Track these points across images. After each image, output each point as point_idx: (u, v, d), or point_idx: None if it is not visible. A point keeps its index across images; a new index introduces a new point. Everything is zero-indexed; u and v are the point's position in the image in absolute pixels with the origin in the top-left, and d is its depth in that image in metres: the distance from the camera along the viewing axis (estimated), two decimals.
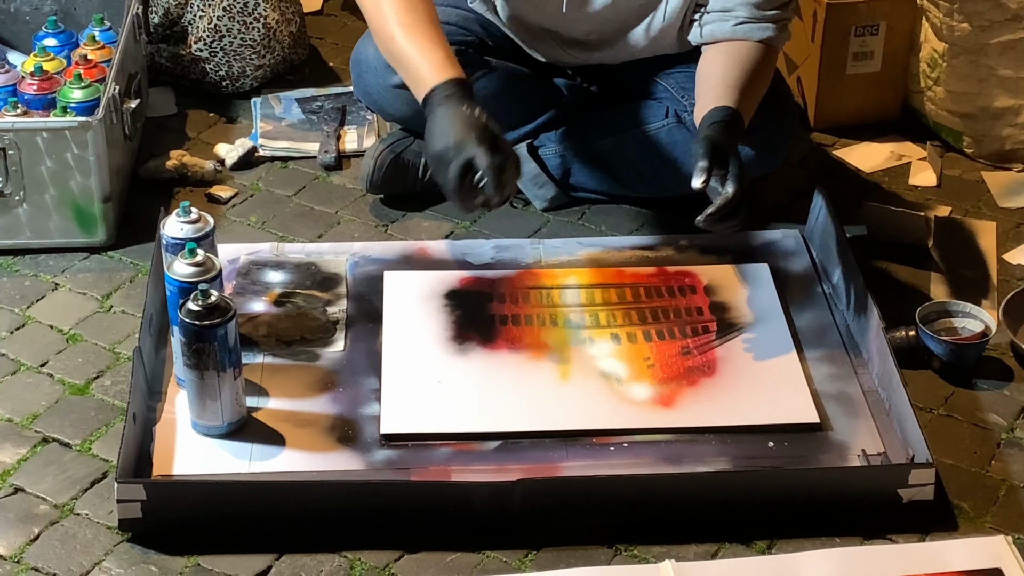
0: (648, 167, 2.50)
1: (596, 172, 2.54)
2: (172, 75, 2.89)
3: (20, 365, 2.21)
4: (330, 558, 1.90)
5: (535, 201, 2.57)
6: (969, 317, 2.24)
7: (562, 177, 2.54)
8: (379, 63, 2.46)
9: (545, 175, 2.54)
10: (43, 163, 2.37)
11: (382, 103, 2.52)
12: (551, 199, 2.56)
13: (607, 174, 2.53)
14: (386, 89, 2.48)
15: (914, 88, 2.80)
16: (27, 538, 1.92)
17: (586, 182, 2.55)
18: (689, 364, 2.18)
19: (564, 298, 2.31)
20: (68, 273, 2.41)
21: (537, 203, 2.57)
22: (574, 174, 2.54)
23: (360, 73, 2.53)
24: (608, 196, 2.57)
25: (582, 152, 2.53)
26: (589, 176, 2.54)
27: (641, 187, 2.53)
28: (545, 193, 2.56)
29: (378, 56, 2.43)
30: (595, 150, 2.53)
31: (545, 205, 2.57)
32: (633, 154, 2.51)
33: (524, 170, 2.53)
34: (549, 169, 2.54)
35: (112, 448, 2.01)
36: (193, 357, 1.98)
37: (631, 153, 2.51)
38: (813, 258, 2.42)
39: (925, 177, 2.69)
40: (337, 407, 2.11)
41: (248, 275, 2.37)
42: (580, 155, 2.53)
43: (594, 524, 1.94)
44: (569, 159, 2.54)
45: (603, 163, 2.53)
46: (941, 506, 1.97)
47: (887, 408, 2.09)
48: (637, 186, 2.53)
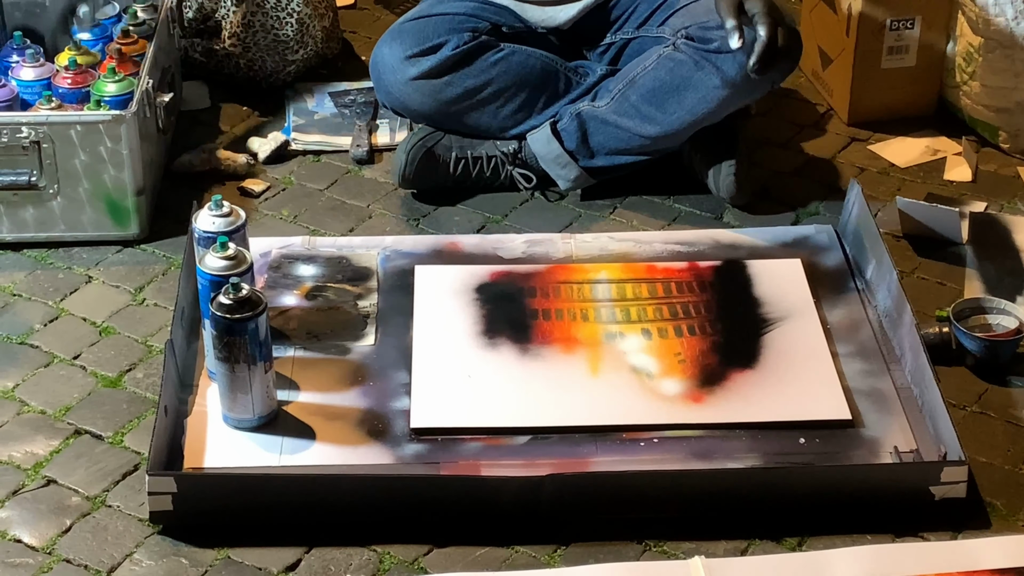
0: (655, 101, 2.49)
1: (610, 125, 2.53)
2: (206, 69, 2.90)
3: (53, 357, 2.22)
4: (359, 552, 1.90)
5: (560, 182, 2.57)
6: (1003, 314, 2.23)
7: (581, 140, 2.54)
8: (395, 59, 2.48)
9: (567, 155, 2.53)
10: (77, 156, 2.39)
11: (404, 99, 2.53)
12: (575, 179, 2.56)
13: (621, 124, 2.52)
14: (405, 84, 2.49)
15: (949, 82, 2.78)
16: (59, 530, 1.94)
17: (605, 141, 2.54)
18: (720, 359, 2.17)
19: (595, 293, 2.31)
20: (101, 266, 2.42)
21: (561, 184, 2.57)
22: (592, 134, 2.54)
23: (379, 74, 2.55)
24: (629, 155, 2.55)
25: (596, 108, 2.54)
26: (605, 132, 2.54)
27: (653, 127, 2.51)
28: (568, 173, 2.55)
29: (393, 53, 2.46)
30: (608, 103, 2.53)
31: (569, 186, 2.57)
32: (639, 92, 2.51)
33: (547, 151, 2.53)
34: (567, 136, 2.54)
35: (144, 440, 2.02)
36: (224, 350, 1.99)
37: (637, 92, 2.51)
38: (846, 253, 2.41)
39: (960, 172, 2.67)
40: (367, 401, 2.11)
41: (279, 269, 2.37)
42: (594, 111, 2.54)
43: (623, 520, 1.93)
44: (584, 118, 2.54)
45: (615, 113, 2.53)
46: (974, 504, 1.95)
47: (920, 405, 2.08)
48: (650, 127, 2.51)
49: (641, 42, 2.61)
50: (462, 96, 2.53)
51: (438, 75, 2.51)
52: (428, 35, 2.52)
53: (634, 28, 2.63)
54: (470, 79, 2.53)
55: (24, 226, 2.43)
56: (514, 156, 2.57)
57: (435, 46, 2.51)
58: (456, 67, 2.51)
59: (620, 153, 2.55)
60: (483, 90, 2.53)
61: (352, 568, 1.88)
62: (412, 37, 2.53)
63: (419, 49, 2.51)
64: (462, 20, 2.52)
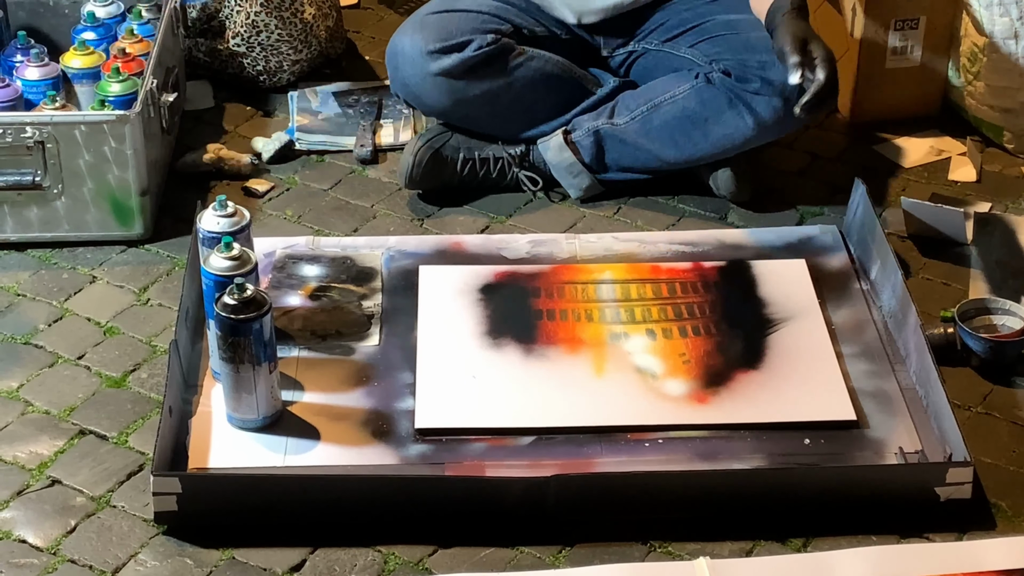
0: (680, 129, 2.49)
1: (628, 145, 2.53)
2: (210, 69, 2.90)
3: (58, 357, 2.22)
4: (364, 552, 1.90)
5: (570, 191, 2.57)
6: (1008, 314, 2.23)
7: (596, 156, 2.54)
8: (416, 52, 2.47)
9: (580, 164, 2.53)
10: (81, 156, 2.38)
11: (421, 94, 2.52)
12: (586, 188, 2.56)
13: (640, 145, 2.52)
14: (424, 78, 2.48)
15: (954, 83, 2.78)
16: (63, 530, 1.94)
17: (620, 158, 2.54)
18: (724, 360, 2.17)
19: (599, 293, 2.31)
20: (105, 266, 2.42)
21: (572, 192, 2.57)
22: (608, 151, 2.54)
23: (397, 65, 2.53)
24: (642, 172, 2.55)
25: (615, 127, 2.53)
26: (622, 151, 2.53)
27: (673, 152, 2.51)
28: (580, 182, 2.55)
29: (415, 45, 2.44)
30: (628, 122, 2.52)
31: (580, 195, 2.56)
32: (664, 118, 2.50)
33: (559, 159, 2.53)
34: (582, 150, 2.54)
35: (148, 441, 2.02)
36: (229, 351, 1.99)
37: (662, 118, 2.50)
38: (851, 254, 2.40)
39: (965, 172, 2.67)
40: (372, 401, 2.11)
41: (284, 269, 2.37)
42: (613, 130, 2.53)
43: (628, 520, 1.93)
44: (602, 135, 2.53)
45: (636, 134, 2.52)
46: (979, 505, 1.95)
47: (925, 406, 2.08)
48: (670, 152, 2.51)
49: (664, 57, 2.58)
50: (480, 98, 2.52)
51: (459, 75, 2.49)
52: (452, 32, 2.50)
53: (660, 41, 2.59)
54: (489, 82, 2.51)
55: (28, 226, 2.43)
56: (521, 159, 2.56)
57: (459, 44, 2.49)
58: (477, 68, 2.50)
59: (633, 170, 2.55)
60: (501, 94, 2.52)
61: (357, 569, 1.88)
62: (435, 31, 2.50)
63: (442, 45, 2.49)
64: (486, 20, 2.50)
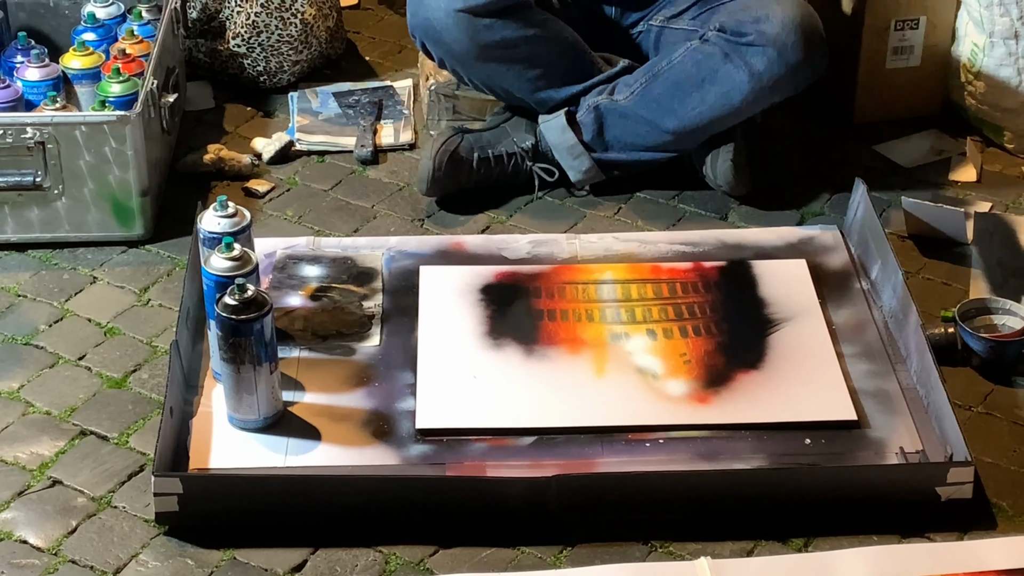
0: (678, 95, 2.49)
1: (629, 119, 2.53)
2: (210, 70, 2.90)
3: (58, 358, 2.22)
4: (365, 552, 1.90)
5: (570, 172, 2.56)
6: (1009, 314, 2.22)
7: (596, 134, 2.54)
8: None
9: (581, 145, 2.53)
10: (82, 157, 2.38)
11: (441, 31, 2.49)
12: (585, 171, 2.55)
13: (640, 118, 2.52)
14: (448, 14, 2.46)
15: (954, 82, 2.77)
16: (65, 530, 1.94)
17: (621, 135, 2.54)
18: (725, 360, 2.17)
19: (600, 293, 2.31)
20: (106, 267, 2.42)
21: (572, 175, 2.56)
22: (608, 127, 2.54)
23: (421, 1, 2.50)
24: (644, 150, 2.55)
25: (615, 102, 2.53)
26: (623, 126, 2.53)
27: (673, 121, 2.50)
28: (580, 164, 2.55)
29: None
30: (628, 96, 2.53)
31: (580, 177, 2.56)
32: (663, 86, 2.50)
33: (561, 140, 2.53)
34: (584, 127, 2.54)
35: (149, 441, 2.02)
36: (229, 351, 1.99)
37: (661, 86, 2.51)
38: (851, 254, 2.40)
39: (965, 172, 2.67)
40: (372, 402, 2.11)
41: (284, 269, 2.37)
42: (613, 105, 2.53)
43: (629, 520, 1.93)
44: (603, 111, 2.54)
45: (636, 107, 2.52)
46: (980, 505, 1.95)
47: (925, 405, 2.08)
48: (669, 121, 2.50)
49: (668, 34, 2.60)
50: (498, 44, 2.49)
51: (483, 14, 2.47)
52: None
53: (665, 19, 2.61)
54: (510, 30, 2.49)
55: (29, 227, 2.43)
56: (534, 151, 2.56)
57: None
58: (501, 14, 2.47)
59: (634, 149, 2.55)
60: (518, 45, 2.50)
61: (358, 569, 1.88)
62: None
63: None
64: None
